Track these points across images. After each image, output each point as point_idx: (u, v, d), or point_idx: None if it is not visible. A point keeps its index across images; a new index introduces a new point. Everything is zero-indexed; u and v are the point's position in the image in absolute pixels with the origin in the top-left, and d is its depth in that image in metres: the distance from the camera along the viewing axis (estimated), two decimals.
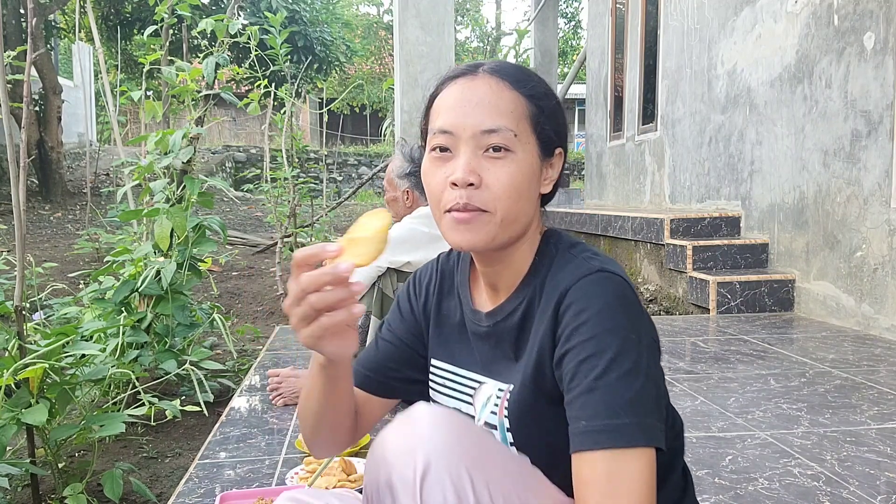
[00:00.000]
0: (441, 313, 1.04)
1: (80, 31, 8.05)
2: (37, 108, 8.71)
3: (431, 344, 1.05)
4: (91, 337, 2.56)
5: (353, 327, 0.82)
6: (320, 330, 0.78)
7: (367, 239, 0.77)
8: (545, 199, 0.97)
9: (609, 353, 0.79)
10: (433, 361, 1.04)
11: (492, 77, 0.90)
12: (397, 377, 1.07)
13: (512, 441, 0.92)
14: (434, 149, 0.90)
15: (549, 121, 0.92)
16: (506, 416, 0.92)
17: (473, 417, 0.97)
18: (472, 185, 0.86)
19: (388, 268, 2.38)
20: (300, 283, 0.76)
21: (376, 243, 0.77)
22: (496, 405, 0.93)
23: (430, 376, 1.05)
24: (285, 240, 5.52)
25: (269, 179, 5.60)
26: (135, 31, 10.66)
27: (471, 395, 0.99)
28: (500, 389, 0.94)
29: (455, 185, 0.87)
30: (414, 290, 1.08)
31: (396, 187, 2.55)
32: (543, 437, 0.89)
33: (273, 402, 2.45)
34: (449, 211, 0.88)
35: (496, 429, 0.93)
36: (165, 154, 2.76)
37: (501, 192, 0.87)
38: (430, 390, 1.05)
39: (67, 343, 1.97)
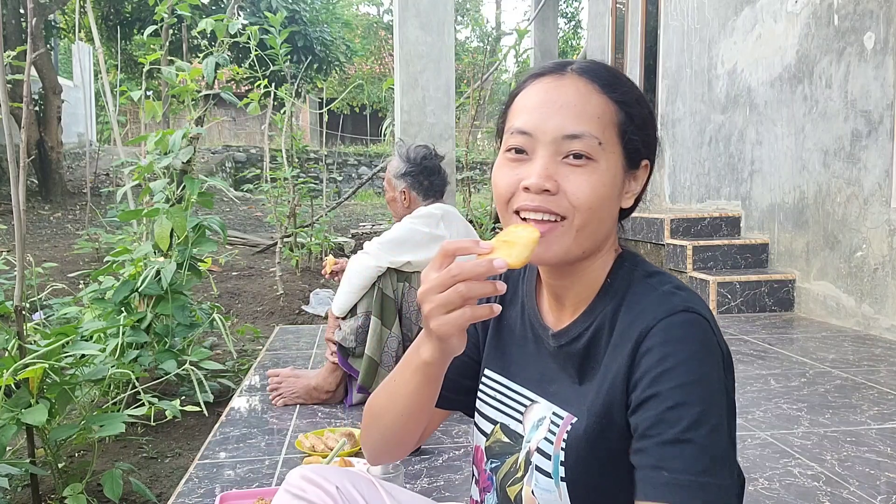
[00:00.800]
0: (502, 322, 0.99)
1: (79, 31, 8.05)
2: (37, 108, 8.71)
3: (487, 352, 1.01)
4: (91, 337, 2.56)
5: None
6: (462, 319, 0.77)
7: (521, 244, 0.78)
8: (624, 213, 0.91)
9: (699, 406, 0.75)
10: (486, 371, 1.00)
11: (580, 78, 0.85)
12: (455, 388, 1.03)
13: (563, 476, 0.86)
14: (509, 149, 0.85)
15: (639, 130, 0.86)
16: (562, 449, 0.86)
17: (521, 437, 0.93)
18: (547, 191, 0.82)
19: (388, 268, 2.38)
20: (451, 271, 0.76)
21: (529, 249, 0.78)
22: (552, 432, 0.88)
23: (481, 386, 1.00)
24: (285, 240, 5.52)
25: (269, 179, 5.60)
26: (135, 31, 10.66)
27: (521, 413, 0.94)
28: (555, 414, 0.89)
29: (528, 189, 0.82)
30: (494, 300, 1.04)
31: (394, 188, 2.56)
32: (597, 478, 0.84)
33: (273, 402, 2.45)
34: (518, 212, 0.84)
35: (549, 458, 0.88)
36: (165, 154, 2.76)
37: (580, 201, 0.81)
38: (478, 400, 1.00)
39: (67, 343, 1.97)
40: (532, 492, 0.91)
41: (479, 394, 1.00)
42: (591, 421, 0.84)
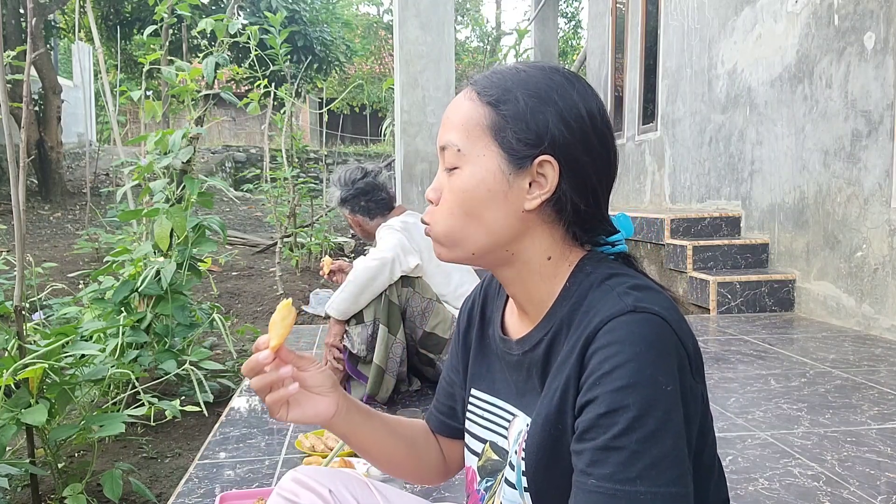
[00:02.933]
0: (484, 340, 0.99)
1: (79, 31, 8.05)
2: (36, 108, 8.71)
3: (471, 372, 1.00)
4: (91, 337, 2.56)
5: (312, 396, 0.90)
6: (271, 404, 0.87)
7: (276, 322, 0.87)
8: (588, 220, 0.85)
9: (632, 412, 0.71)
10: (472, 391, 0.99)
11: (465, 89, 0.87)
12: (449, 413, 1.05)
13: (526, 486, 0.85)
14: None
15: (516, 127, 0.81)
16: (523, 458, 0.85)
17: (507, 452, 0.92)
18: (432, 202, 0.87)
19: None
20: (244, 368, 0.87)
21: (280, 326, 0.87)
22: (517, 442, 0.88)
23: (469, 406, 0.99)
24: (285, 240, 5.52)
25: (268, 179, 5.61)
26: (135, 31, 10.66)
27: (506, 428, 0.92)
28: (528, 424, 0.87)
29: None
30: (464, 316, 1.04)
31: (346, 216, 2.63)
32: (560, 487, 0.81)
33: None
34: None
35: (514, 469, 0.87)
36: (165, 154, 2.76)
37: (441, 210, 0.85)
38: (467, 421, 0.99)
39: (67, 343, 1.97)
40: (496, 499, 0.90)
41: (468, 414, 0.99)
42: (544, 425, 0.82)
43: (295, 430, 2.19)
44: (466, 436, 1.00)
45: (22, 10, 8.39)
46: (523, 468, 0.85)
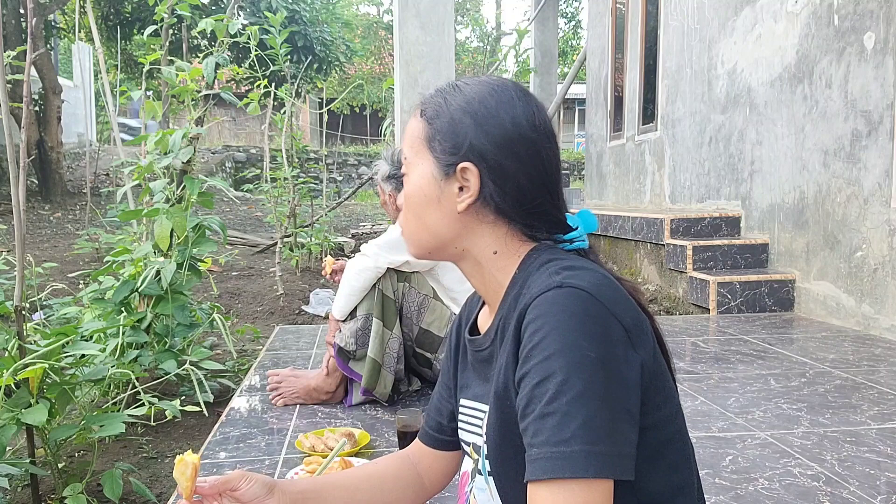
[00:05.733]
0: (463, 348, 1.03)
1: (79, 31, 8.05)
2: (37, 108, 8.71)
3: (459, 384, 1.02)
4: (91, 337, 2.56)
5: None
6: None
7: (179, 479, 0.91)
8: (529, 218, 0.90)
9: (560, 376, 0.74)
10: (460, 401, 1.01)
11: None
12: (438, 427, 1.07)
13: (489, 470, 0.87)
14: None
15: (442, 137, 0.90)
16: (485, 443, 0.88)
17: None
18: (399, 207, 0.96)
19: (388, 268, 2.38)
20: None
21: (186, 480, 0.90)
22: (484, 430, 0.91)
23: (459, 416, 1.02)
24: (285, 240, 5.52)
25: (269, 179, 5.61)
26: (135, 31, 10.66)
27: (481, 426, 0.94)
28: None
29: None
30: (453, 332, 1.08)
31: (384, 191, 2.60)
32: (513, 464, 0.83)
33: (273, 402, 2.45)
34: None
35: (481, 456, 0.90)
36: (165, 154, 2.76)
37: (402, 214, 0.96)
38: (459, 430, 1.02)
39: (67, 343, 1.97)
40: (473, 493, 0.94)
41: (459, 423, 1.02)
42: (496, 406, 0.85)
43: (295, 429, 2.20)
44: (461, 444, 1.03)
45: (22, 10, 8.39)
46: (486, 452, 0.88)
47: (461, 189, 0.89)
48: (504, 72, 11.39)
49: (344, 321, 2.40)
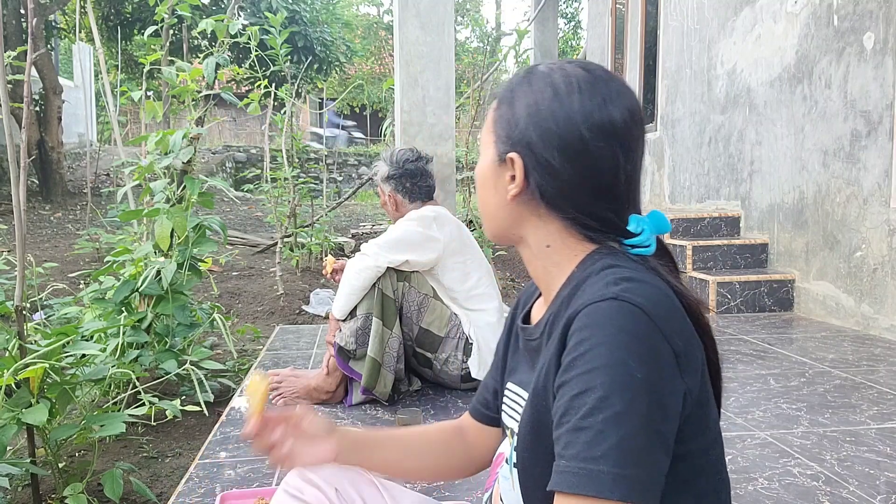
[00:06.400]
0: (515, 334, 1.04)
1: (80, 32, 8.06)
2: (37, 109, 8.71)
3: (508, 367, 1.03)
4: (91, 337, 2.56)
5: (312, 443, 1.00)
6: (272, 462, 1.00)
7: (251, 395, 0.97)
8: (582, 218, 0.88)
9: (600, 391, 0.72)
10: (507, 384, 1.01)
11: None
12: (485, 403, 1.09)
13: (515, 462, 0.88)
14: None
15: (502, 125, 0.91)
16: (516, 434, 0.89)
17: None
18: None
19: (388, 268, 2.38)
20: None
21: (256, 401, 0.96)
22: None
23: (504, 399, 1.01)
24: (285, 240, 5.52)
25: (269, 179, 5.61)
26: (135, 32, 10.66)
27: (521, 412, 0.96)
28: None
29: None
30: (508, 317, 1.09)
31: (383, 191, 2.61)
32: (543, 466, 0.81)
33: (273, 401, 2.45)
34: None
35: (510, 446, 0.92)
36: (165, 154, 2.76)
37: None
38: (502, 412, 1.02)
39: (67, 343, 1.98)
40: (498, 481, 0.95)
41: (503, 405, 1.02)
42: (532, 402, 0.84)
43: None
44: (502, 427, 1.04)
45: (22, 11, 8.40)
46: (515, 444, 0.89)
47: (513, 178, 0.89)
48: (504, 72, 11.40)
49: (344, 320, 2.40)
